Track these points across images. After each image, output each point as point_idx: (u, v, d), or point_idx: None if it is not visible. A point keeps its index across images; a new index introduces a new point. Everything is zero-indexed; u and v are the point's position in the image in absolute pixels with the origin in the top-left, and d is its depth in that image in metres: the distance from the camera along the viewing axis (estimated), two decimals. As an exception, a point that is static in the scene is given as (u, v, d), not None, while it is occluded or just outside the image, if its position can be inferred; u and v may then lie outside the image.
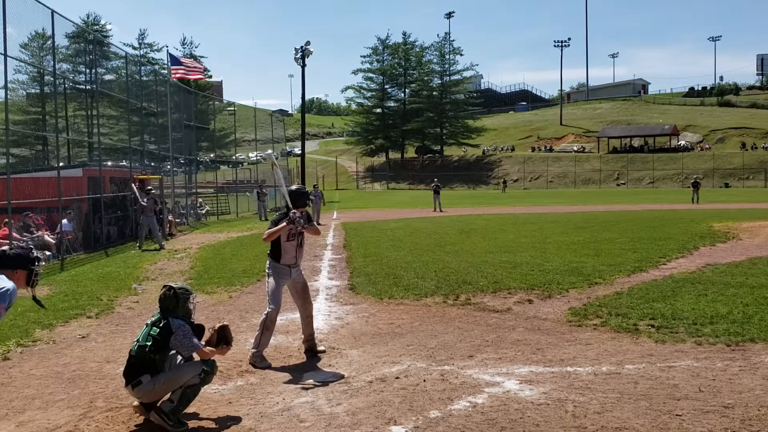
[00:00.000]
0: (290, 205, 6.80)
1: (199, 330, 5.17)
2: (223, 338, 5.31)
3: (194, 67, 29.98)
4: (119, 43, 71.24)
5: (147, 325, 5.09)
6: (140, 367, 4.93)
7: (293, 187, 7.07)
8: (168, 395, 4.98)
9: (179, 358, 5.13)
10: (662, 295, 9.25)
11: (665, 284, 10.17)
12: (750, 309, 8.23)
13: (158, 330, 4.95)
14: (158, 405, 4.95)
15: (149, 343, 4.93)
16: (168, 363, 5.06)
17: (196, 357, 5.08)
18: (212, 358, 5.15)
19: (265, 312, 6.74)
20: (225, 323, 5.41)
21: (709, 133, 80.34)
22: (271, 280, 6.81)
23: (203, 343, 5.17)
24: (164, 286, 5.22)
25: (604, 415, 4.92)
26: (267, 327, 6.66)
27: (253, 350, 6.65)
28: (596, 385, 5.63)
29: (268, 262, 6.91)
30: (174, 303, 5.08)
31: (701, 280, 10.37)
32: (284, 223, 6.67)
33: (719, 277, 10.62)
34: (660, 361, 6.31)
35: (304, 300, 6.98)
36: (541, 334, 7.59)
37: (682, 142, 78.38)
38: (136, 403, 5.14)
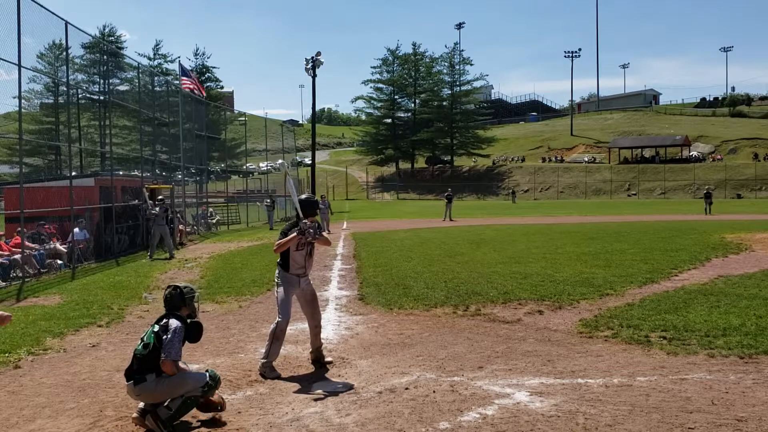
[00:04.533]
0: (301, 215, 6.81)
1: (197, 328, 5.25)
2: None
3: (193, 82, 30.21)
4: (136, 52, 72.66)
5: (152, 325, 5.20)
6: (146, 365, 4.99)
7: (303, 196, 7.08)
8: (166, 402, 5.01)
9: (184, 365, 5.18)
10: (674, 307, 9.17)
11: (677, 296, 10.09)
12: (763, 321, 8.15)
13: (159, 327, 5.07)
14: (156, 410, 4.98)
15: (153, 341, 5.02)
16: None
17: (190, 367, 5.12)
18: (216, 372, 5.23)
19: (275, 322, 6.74)
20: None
21: (721, 144, 79.85)
22: (281, 290, 6.80)
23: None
24: (169, 286, 5.35)
25: (615, 428, 4.87)
26: (277, 337, 6.65)
27: (263, 360, 6.64)
28: (607, 397, 5.58)
29: (277, 271, 6.91)
30: (180, 302, 5.20)
31: (714, 292, 10.29)
32: (294, 233, 6.67)
33: (732, 289, 10.53)
34: (672, 373, 6.25)
35: (313, 309, 6.97)
36: (551, 345, 7.54)
37: (694, 153, 77.94)
38: (134, 415, 5.16)
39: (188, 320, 5.23)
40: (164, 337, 4.99)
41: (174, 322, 5.06)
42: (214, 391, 5.22)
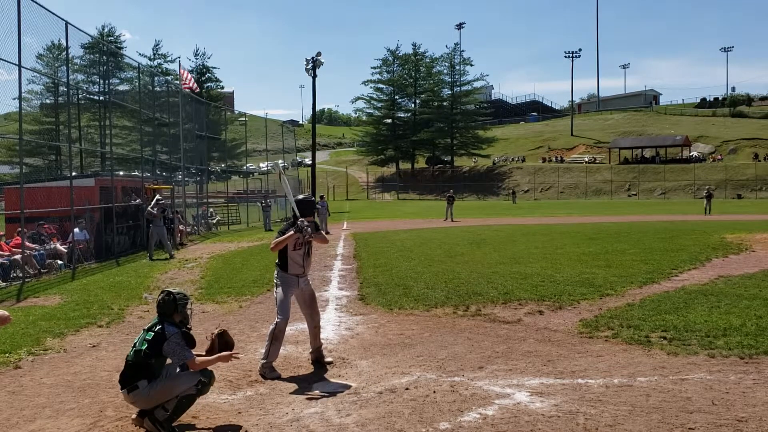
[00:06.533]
0: (298, 215, 6.82)
1: (190, 341, 5.20)
2: (224, 344, 5.38)
3: (188, 80, 30.10)
4: (136, 52, 72.97)
5: (144, 330, 5.15)
6: (137, 371, 4.97)
7: (300, 197, 7.10)
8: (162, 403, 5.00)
9: (177, 367, 5.16)
10: (674, 307, 9.17)
11: (677, 296, 10.09)
12: (764, 321, 8.15)
13: (153, 334, 5.01)
14: (153, 412, 4.98)
15: (144, 347, 4.97)
16: (165, 370, 5.08)
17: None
18: (211, 369, 5.22)
19: (274, 322, 6.75)
20: (223, 329, 5.49)
21: (721, 144, 79.82)
22: (279, 290, 6.82)
23: (203, 352, 5.27)
24: (162, 292, 5.30)
25: (615, 428, 4.87)
26: (276, 337, 6.66)
27: (263, 361, 6.65)
28: (608, 397, 5.58)
29: (276, 271, 6.93)
30: (172, 308, 5.14)
31: (714, 292, 10.29)
32: (292, 232, 6.69)
33: (732, 289, 10.53)
34: (672, 373, 6.25)
35: (311, 310, 6.97)
36: (551, 345, 7.54)
37: (694, 153, 77.88)
38: (134, 416, 5.16)
39: (182, 327, 5.20)
40: (164, 345, 4.95)
41: (170, 330, 5.02)
42: (209, 388, 5.22)
